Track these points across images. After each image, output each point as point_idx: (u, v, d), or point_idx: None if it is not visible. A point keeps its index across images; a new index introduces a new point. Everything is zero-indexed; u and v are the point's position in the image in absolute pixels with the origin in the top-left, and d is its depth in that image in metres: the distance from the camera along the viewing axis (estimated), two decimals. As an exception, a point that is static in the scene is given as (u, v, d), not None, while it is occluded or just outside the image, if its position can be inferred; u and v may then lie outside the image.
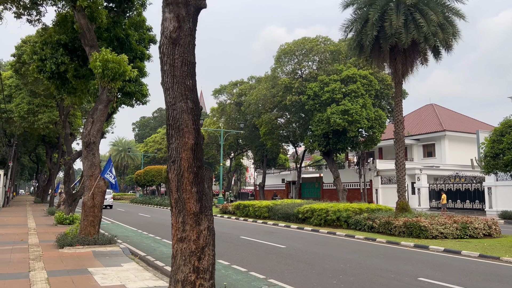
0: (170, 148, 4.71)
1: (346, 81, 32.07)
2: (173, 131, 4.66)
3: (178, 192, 4.65)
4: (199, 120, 4.83)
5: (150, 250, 12.19)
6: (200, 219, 4.68)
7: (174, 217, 4.72)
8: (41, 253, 10.80)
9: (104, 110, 13.10)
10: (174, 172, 4.67)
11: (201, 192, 4.73)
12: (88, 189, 12.26)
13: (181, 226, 4.65)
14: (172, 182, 4.68)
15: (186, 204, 4.64)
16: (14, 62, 23.08)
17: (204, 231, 4.69)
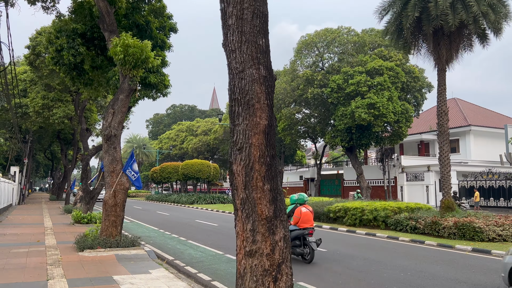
0: (236, 131, 3.55)
1: (372, 73, 30.57)
2: (240, 107, 3.49)
3: (246, 190, 3.48)
4: (273, 93, 3.64)
5: (177, 253, 11.08)
6: (275, 226, 3.50)
7: (240, 224, 3.55)
8: (60, 257, 9.75)
9: (125, 100, 12.01)
10: (241, 163, 3.50)
11: (275, 190, 3.56)
12: (109, 187, 11.19)
13: (250, 235, 3.48)
14: (238, 177, 3.51)
15: (257, 206, 3.47)
16: (28, 54, 22.20)
17: (280, 242, 3.50)
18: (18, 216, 21.08)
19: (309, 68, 34.55)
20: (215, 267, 9.18)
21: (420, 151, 45.08)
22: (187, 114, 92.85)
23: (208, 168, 39.78)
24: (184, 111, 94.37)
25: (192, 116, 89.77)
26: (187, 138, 63.69)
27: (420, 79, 32.94)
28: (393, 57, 32.34)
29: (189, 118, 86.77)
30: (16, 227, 15.95)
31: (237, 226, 3.56)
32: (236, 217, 3.57)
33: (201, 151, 60.99)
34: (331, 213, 17.54)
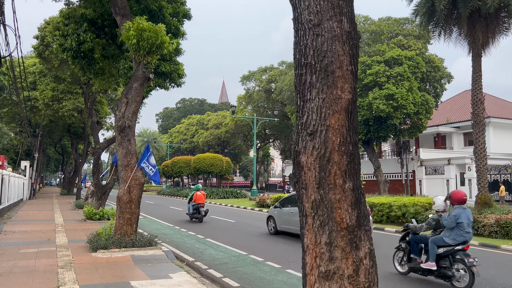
0: (306, 110, 2.66)
1: (390, 63, 29.38)
2: (315, 76, 2.60)
3: (320, 189, 2.60)
4: (358, 57, 2.72)
5: (197, 254, 10.25)
6: (358, 238, 2.62)
7: (311, 235, 2.66)
8: (72, 258, 8.97)
9: (139, 89, 11.16)
10: (313, 153, 2.62)
11: (358, 189, 2.66)
12: (124, 182, 10.38)
13: (326, 251, 2.60)
14: (309, 172, 2.63)
15: (335, 212, 2.58)
16: (37, 45, 21.46)
17: (365, 260, 2.62)
18: (29, 212, 20.48)
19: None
20: (242, 271, 8.32)
21: (436, 144, 43.79)
22: (197, 108, 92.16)
23: (220, 162, 38.98)
24: (194, 104, 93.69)
25: (202, 110, 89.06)
26: (198, 132, 62.98)
27: (440, 69, 31.66)
28: (412, 46, 31.11)
29: (199, 112, 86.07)
30: (26, 224, 15.29)
31: (306, 237, 2.67)
32: (305, 225, 2.68)
33: (212, 145, 60.25)
34: (355, 209, 16.57)
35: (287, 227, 13.17)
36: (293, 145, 2.75)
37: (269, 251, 10.46)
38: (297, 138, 2.71)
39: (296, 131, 2.75)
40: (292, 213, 12.67)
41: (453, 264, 7.38)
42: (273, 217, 13.99)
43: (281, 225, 13.51)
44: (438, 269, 7.45)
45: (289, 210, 13.12)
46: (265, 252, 10.37)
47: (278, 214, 13.81)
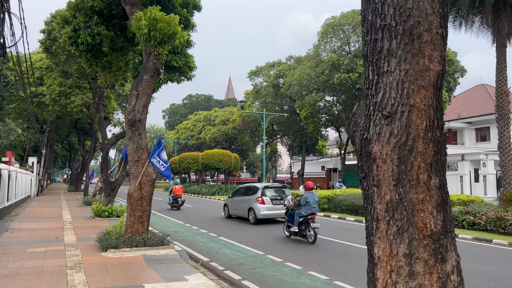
0: (381, 85, 2.15)
1: (403, 56, 28.67)
2: (395, 41, 2.08)
3: (398, 186, 2.08)
4: (448, 18, 2.18)
5: (211, 253, 9.78)
6: (444, 248, 2.11)
7: (384, 243, 2.14)
8: (81, 258, 8.54)
9: (150, 81, 10.69)
10: (391, 140, 2.11)
11: (444, 187, 2.14)
12: (135, 178, 9.92)
13: (405, 264, 2.08)
14: (384, 164, 2.12)
15: (417, 215, 2.07)
16: (44, 40, 21.04)
17: (452, 276, 2.11)
18: (36, 209, 20.16)
19: (334, 52, 32.79)
20: (260, 272, 7.83)
21: (447, 140, 43.03)
22: (204, 104, 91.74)
23: (229, 158, 38.49)
24: (200, 101, 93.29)
25: (209, 106, 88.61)
26: (205, 128, 62.53)
27: (454, 62, 30.92)
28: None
29: (205, 108, 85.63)
30: (33, 221, 14.92)
31: (376, 246, 2.14)
32: (375, 232, 2.15)
33: (219, 141, 59.79)
34: (371, 206, 16.04)
35: (235, 212, 17.33)
36: (359, 131, 2.22)
37: (288, 251, 9.96)
38: (367, 122, 2.18)
39: (365, 114, 2.21)
40: (239, 201, 16.99)
41: (307, 228, 11.45)
42: (227, 205, 18.10)
43: (232, 211, 17.60)
44: (299, 231, 11.64)
45: (236, 199, 17.30)
46: (283, 251, 9.88)
47: (230, 203, 17.84)
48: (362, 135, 2.20)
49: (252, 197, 15.98)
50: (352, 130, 2.32)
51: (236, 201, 17.13)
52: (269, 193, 15.78)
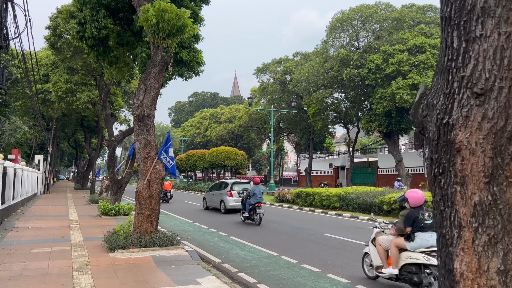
0: (471, 53, 1.69)
1: (414, 51, 28.11)
2: None
3: (492, 184, 1.64)
4: None
5: (222, 253, 9.39)
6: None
7: (468, 256, 1.70)
8: (88, 259, 8.18)
9: (158, 74, 10.30)
10: (483, 125, 1.67)
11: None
12: (143, 175, 9.55)
13: (499, 282, 1.65)
14: (473, 156, 1.69)
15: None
16: (49, 36, 20.72)
17: None
18: (42, 207, 19.90)
19: (343, 47, 32.25)
20: (276, 275, 7.43)
21: None
22: (209, 102, 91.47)
23: (236, 155, 38.12)
24: (206, 98, 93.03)
25: (214, 103, 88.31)
26: (211, 126, 62.23)
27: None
28: (434, 34, 29.76)
29: (211, 106, 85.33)
30: (39, 220, 14.63)
31: (458, 259, 1.69)
32: (457, 241, 1.69)
33: (226, 139, 59.47)
34: (385, 204, 15.57)
35: (211, 204, 20.42)
36: (436, 115, 1.78)
37: (303, 253, 9.55)
38: (449, 103, 1.74)
39: (444, 92, 1.77)
40: (213, 195, 20.13)
41: (254, 213, 14.35)
42: (205, 198, 21.32)
43: (209, 203, 20.70)
44: (249, 215, 14.54)
45: (212, 193, 20.41)
46: (298, 253, 9.46)
47: (207, 196, 21.05)
48: (441, 120, 1.76)
49: (223, 191, 19.12)
50: (421, 114, 1.88)
51: (212, 194, 20.39)
52: (237, 188, 18.71)
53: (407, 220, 6.21)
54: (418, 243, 6.10)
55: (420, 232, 6.10)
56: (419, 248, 6.10)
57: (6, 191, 15.18)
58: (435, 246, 5.86)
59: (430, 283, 5.90)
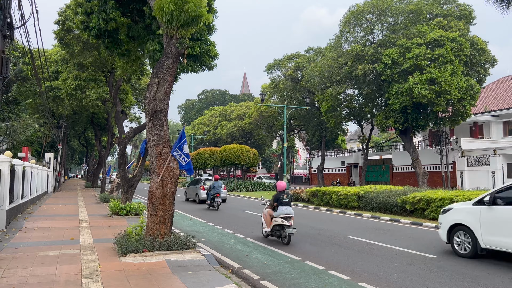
0: None
1: (432, 45, 27.14)
2: None
3: None
4: None
5: (241, 258, 8.76)
6: None
7: None
8: (98, 264, 7.61)
9: (172, 67, 9.68)
10: None
11: None
12: (156, 174, 8.95)
13: None
14: None
15: None
16: (58, 31, 20.32)
17: None
18: (52, 206, 19.50)
19: (357, 42, 31.37)
20: (303, 284, 6.77)
21: (473, 134, 41.20)
22: (219, 99, 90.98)
23: (247, 153, 37.50)
24: (216, 96, 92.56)
25: (224, 101, 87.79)
26: (221, 123, 61.70)
27: (485, 52, 29.15)
28: (453, 27, 28.73)
29: (221, 103, 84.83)
30: (48, 220, 14.16)
31: None
32: None
33: (236, 136, 58.90)
34: (408, 204, 14.81)
35: (189, 196, 25.27)
36: None
37: (328, 257, 8.89)
38: None
39: None
40: (191, 189, 24.90)
41: (214, 201, 18.94)
42: (186, 192, 26.22)
43: (188, 196, 25.63)
44: (211, 203, 19.22)
45: (190, 187, 25.36)
46: (322, 257, 8.80)
47: (187, 190, 26.03)
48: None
49: (197, 186, 23.83)
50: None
51: (190, 188, 25.33)
52: (208, 183, 22.59)
53: (274, 198, 10.57)
54: (278, 212, 10.32)
55: (280, 206, 10.37)
56: (279, 215, 10.28)
57: (15, 190, 14.75)
58: (288, 214, 10.27)
59: (285, 235, 10.20)
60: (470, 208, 8.66)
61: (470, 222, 8.46)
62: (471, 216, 8.51)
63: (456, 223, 8.80)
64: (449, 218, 9.03)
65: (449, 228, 8.96)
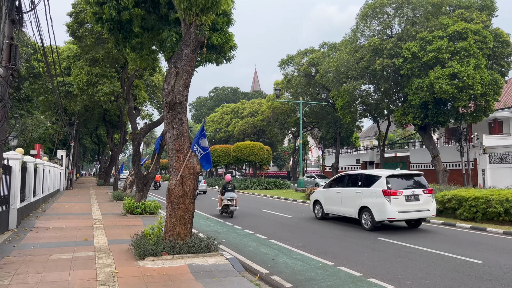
0: None
1: (454, 38, 26.08)
2: None
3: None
4: None
5: (267, 262, 8.07)
6: None
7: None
8: (114, 269, 6.98)
9: (191, 56, 9.03)
10: None
11: None
12: (175, 171, 8.31)
13: None
14: None
15: None
16: (71, 23, 19.81)
17: None
18: (65, 204, 19.04)
19: (374, 36, 30.40)
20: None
21: (492, 130, 39.88)
22: (230, 97, 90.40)
23: (261, 150, 36.78)
24: (227, 93, 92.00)
25: (235, 98, 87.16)
26: (232, 121, 61.09)
27: (510, 45, 27.96)
28: (475, 19, 27.62)
29: (232, 101, 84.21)
30: (61, 219, 13.64)
31: None
32: None
33: (248, 134, 58.24)
34: (438, 204, 13.97)
35: None
36: None
37: (362, 261, 8.16)
38: None
39: None
40: None
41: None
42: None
43: None
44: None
45: None
46: (357, 261, 8.09)
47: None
48: None
49: None
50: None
51: None
52: None
53: (222, 187, 15.65)
54: (225, 196, 15.34)
55: (226, 192, 15.39)
56: (226, 198, 15.29)
57: (27, 188, 14.27)
58: (231, 197, 15.33)
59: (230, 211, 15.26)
60: (321, 190, 15.08)
61: (320, 198, 14.71)
62: (320, 194, 14.87)
63: (316, 199, 15.03)
64: (313, 196, 15.40)
65: (313, 202, 15.24)
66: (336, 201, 13.52)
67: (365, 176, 12.56)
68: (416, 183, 11.96)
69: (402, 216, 11.42)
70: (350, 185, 13.15)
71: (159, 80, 33.43)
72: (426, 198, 11.72)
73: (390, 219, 11.29)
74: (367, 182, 12.32)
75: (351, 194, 12.77)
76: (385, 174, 11.86)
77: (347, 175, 13.71)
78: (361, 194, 12.23)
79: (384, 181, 11.60)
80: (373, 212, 11.54)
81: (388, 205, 11.22)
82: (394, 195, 11.29)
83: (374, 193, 11.70)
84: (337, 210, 13.55)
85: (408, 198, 11.49)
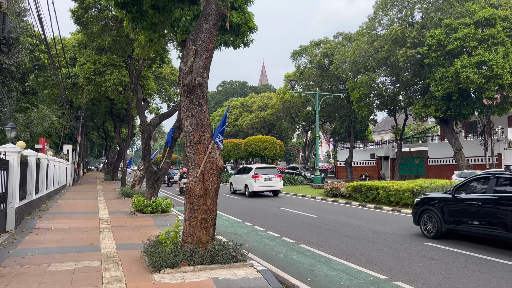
0: None
1: (482, 24, 24.51)
2: None
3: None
4: None
5: (304, 274, 6.79)
6: None
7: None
8: (125, 285, 5.72)
9: (212, 31, 7.71)
10: None
11: None
12: (195, 165, 7.04)
13: None
14: None
15: None
16: (76, 8, 18.58)
17: None
18: (70, 201, 17.90)
19: (394, 24, 28.85)
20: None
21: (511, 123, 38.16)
22: (238, 91, 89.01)
23: (274, 145, 35.46)
24: (235, 87, 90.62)
25: (243, 92, 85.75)
26: (242, 115, 59.79)
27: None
28: (503, 5, 26.02)
29: (240, 95, 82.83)
30: (65, 218, 12.47)
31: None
32: None
33: (257, 128, 56.93)
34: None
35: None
36: None
37: (417, 274, 6.87)
38: None
39: None
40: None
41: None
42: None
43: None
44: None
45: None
46: (412, 273, 6.79)
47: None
48: None
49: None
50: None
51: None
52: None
53: (180, 177, 24.69)
54: (182, 181, 23.59)
55: (184, 179, 23.27)
56: (183, 183, 23.46)
57: (28, 185, 13.11)
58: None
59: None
60: (236, 176, 24.25)
61: (237, 182, 24.07)
62: (234, 179, 24.73)
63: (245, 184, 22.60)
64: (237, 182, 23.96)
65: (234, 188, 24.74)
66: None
67: (248, 169, 23.42)
68: (271, 171, 22.27)
69: (262, 189, 21.73)
70: (246, 172, 23.45)
71: (167, 72, 32.18)
72: (276, 179, 22.00)
73: (255, 190, 21.56)
74: (247, 171, 23.10)
75: (243, 177, 23.45)
76: (255, 167, 22.43)
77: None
78: (245, 177, 22.72)
79: (254, 170, 21.93)
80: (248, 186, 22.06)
81: (254, 183, 21.63)
82: (257, 177, 21.61)
83: (249, 177, 22.17)
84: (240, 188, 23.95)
85: (265, 179, 21.76)
